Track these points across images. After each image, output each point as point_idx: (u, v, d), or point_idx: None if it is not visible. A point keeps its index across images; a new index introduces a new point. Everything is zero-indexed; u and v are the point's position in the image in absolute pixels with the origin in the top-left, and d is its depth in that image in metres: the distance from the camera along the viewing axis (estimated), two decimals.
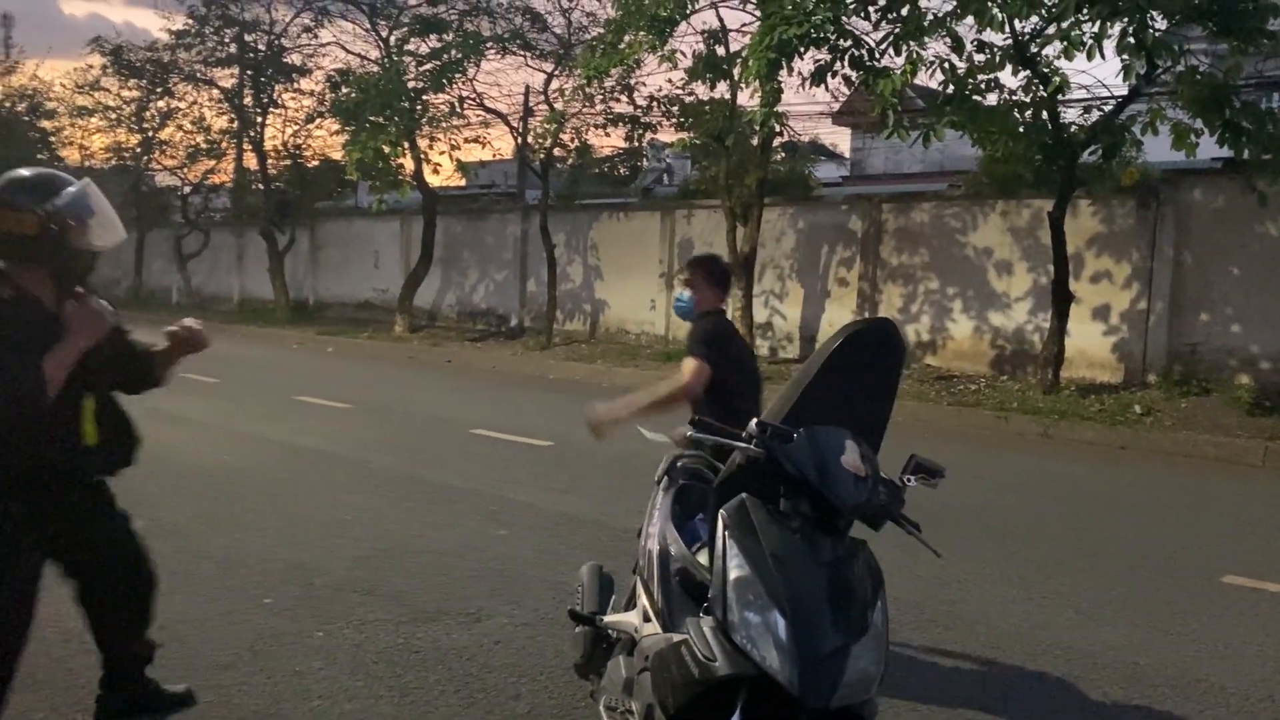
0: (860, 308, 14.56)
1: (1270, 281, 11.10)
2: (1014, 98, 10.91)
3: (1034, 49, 10.52)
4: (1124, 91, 10.99)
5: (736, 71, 12.97)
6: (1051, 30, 10.09)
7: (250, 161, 25.19)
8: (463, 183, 25.92)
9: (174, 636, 4.06)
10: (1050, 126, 10.86)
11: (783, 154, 17.46)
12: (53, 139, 30.73)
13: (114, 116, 26.58)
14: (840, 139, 30.51)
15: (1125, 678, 3.98)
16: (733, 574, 2.18)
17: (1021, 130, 10.84)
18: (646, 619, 2.71)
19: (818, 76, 10.27)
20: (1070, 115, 11.60)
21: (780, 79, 10.33)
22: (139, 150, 27.02)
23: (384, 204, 18.18)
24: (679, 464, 3.25)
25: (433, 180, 19.40)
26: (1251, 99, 10.95)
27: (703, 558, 2.74)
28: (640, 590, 2.83)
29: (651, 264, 17.13)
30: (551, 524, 5.94)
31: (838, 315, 14.78)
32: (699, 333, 4.06)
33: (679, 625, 2.59)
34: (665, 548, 2.79)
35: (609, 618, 3.04)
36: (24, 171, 2.91)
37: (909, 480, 2.46)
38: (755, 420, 2.34)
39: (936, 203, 14.25)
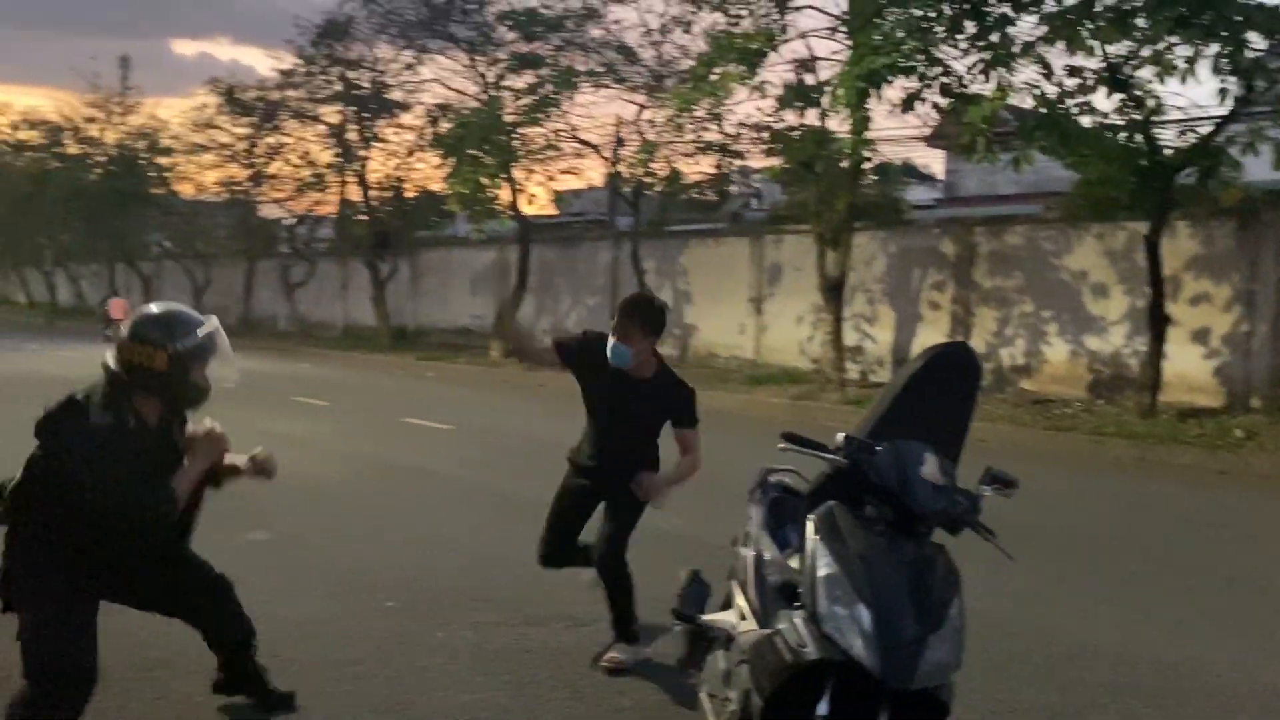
0: (953, 331, 14.57)
1: None
2: (1108, 121, 10.90)
3: (1127, 72, 10.51)
4: (1221, 111, 10.90)
5: (825, 99, 13.19)
6: (1146, 53, 10.09)
7: (354, 194, 26.26)
8: (555, 211, 26.57)
9: (306, 635, 4.46)
10: (1146, 149, 10.82)
11: (874, 178, 17.57)
12: (168, 174, 32.46)
13: (226, 152, 28.01)
14: (934, 161, 30.28)
15: (1212, 690, 4.07)
16: (822, 572, 2.43)
17: (1115, 153, 10.82)
18: (743, 617, 2.97)
19: (907, 104, 10.44)
20: (1166, 137, 11.54)
21: (869, 106, 10.54)
22: (249, 184, 28.37)
23: (482, 233, 18.82)
24: (770, 478, 3.49)
25: (527, 210, 20.02)
26: None
27: (794, 562, 2.99)
28: (736, 592, 3.09)
29: (741, 289, 17.38)
30: (648, 539, 6.16)
31: (930, 339, 14.77)
32: (694, 399, 4.38)
33: (773, 622, 2.84)
34: (760, 553, 3.04)
35: (708, 616, 3.30)
36: (154, 308, 3.22)
37: (985, 490, 2.68)
38: (843, 434, 2.59)
39: (1030, 225, 14.22)
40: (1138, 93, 10.42)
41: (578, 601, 4.94)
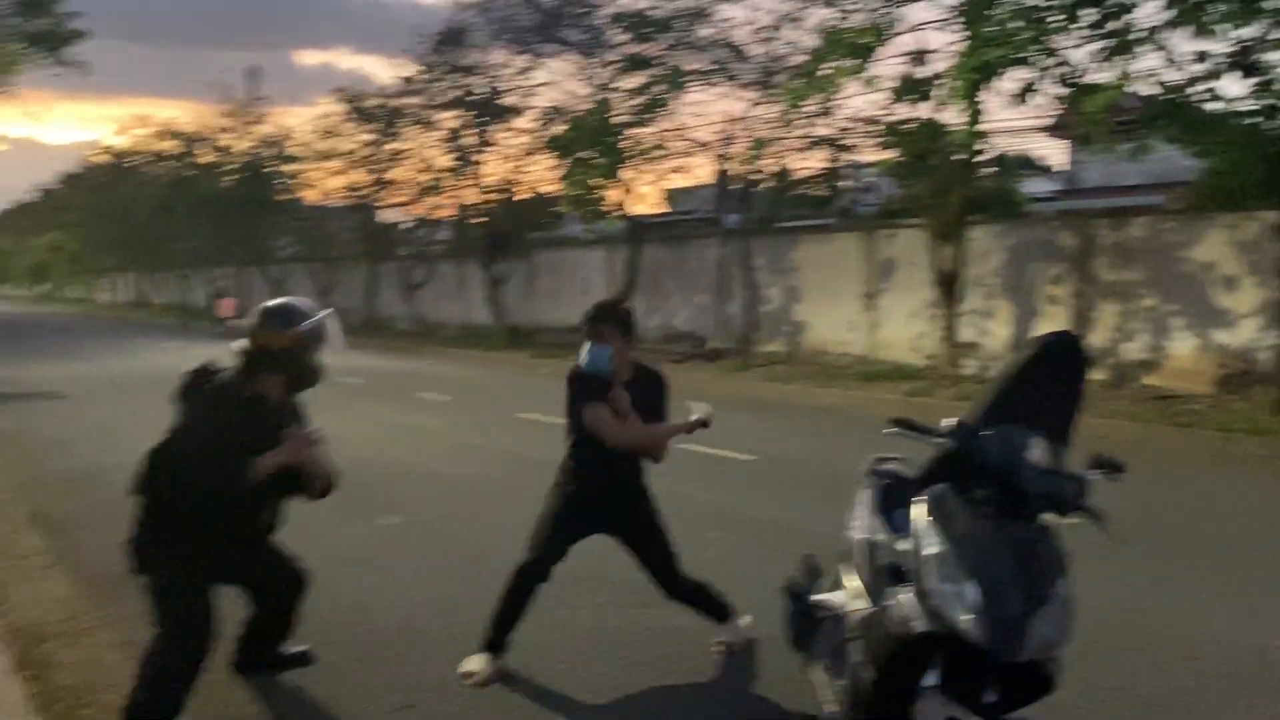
0: (1073, 326, 14.23)
1: None
2: (1235, 106, 10.54)
3: (1257, 55, 10.15)
4: None
5: (939, 92, 13.05)
6: (1277, 35, 9.73)
7: (470, 197, 27.00)
8: (663, 209, 26.82)
9: (438, 610, 4.76)
10: (1277, 135, 10.41)
11: (992, 169, 17.26)
12: (294, 181, 33.90)
13: (350, 159, 29.11)
14: (1056, 151, 29.40)
15: None
16: (930, 550, 2.55)
17: (1244, 140, 10.45)
18: (854, 597, 3.10)
19: (1022, 96, 10.29)
20: None
21: (983, 98, 10.41)
22: (371, 189, 29.43)
23: (593, 234, 19.18)
24: (881, 466, 3.61)
25: (636, 209, 20.31)
26: None
27: (903, 545, 3.10)
28: (847, 573, 3.22)
29: (852, 285, 17.29)
30: (759, 529, 6.35)
31: None
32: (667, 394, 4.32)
33: (883, 601, 2.97)
34: (871, 536, 3.17)
35: (819, 596, 3.44)
36: (277, 301, 3.71)
37: (1093, 474, 2.75)
38: (952, 419, 2.70)
39: (1153, 217, 13.80)
40: (1268, 76, 10.04)
41: (737, 582, 5.12)
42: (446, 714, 3.65)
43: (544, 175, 24.04)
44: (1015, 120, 18.07)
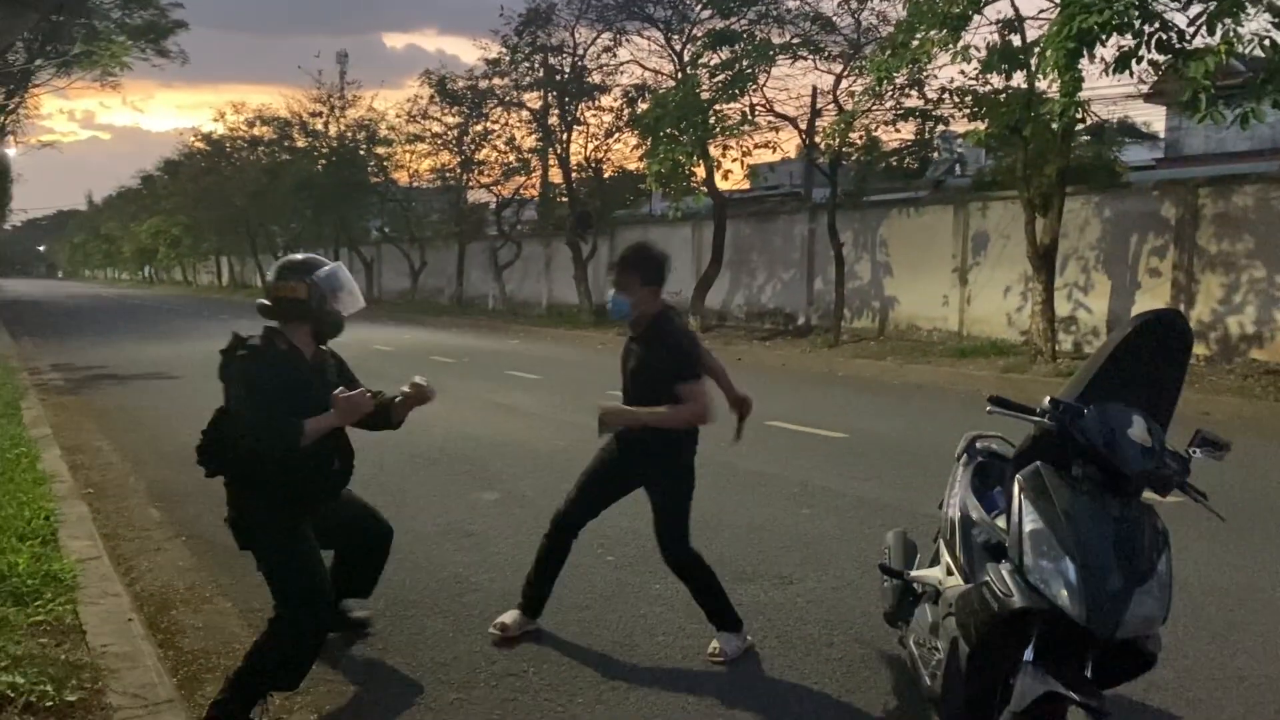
0: (1175, 298, 13.83)
1: None
2: None
3: None
4: None
5: (1033, 61, 12.73)
6: None
7: (555, 176, 27.24)
8: (747, 185, 26.68)
9: None
10: None
11: (1087, 138, 16.78)
12: (386, 163, 34.58)
13: (438, 141, 29.57)
14: (1154, 118, 28.43)
15: None
16: (1028, 527, 2.57)
17: None
18: (949, 573, 3.13)
19: (1121, 63, 10.00)
20: None
21: (1081, 66, 10.13)
22: (459, 170, 29.87)
23: (679, 211, 19.20)
24: (977, 444, 3.61)
25: (722, 185, 20.26)
26: None
27: (1000, 523, 3.12)
28: (943, 550, 3.25)
29: (944, 259, 17.03)
30: (851, 506, 6.37)
31: (1149, 307, 14.04)
32: (687, 348, 4.00)
33: (979, 577, 2.99)
34: (967, 514, 3.19)
35: (916, 572, 3.47)
36: (288, 258, 3.85)
37: (1194, 452, 2.73)
38: (1049, 398, 2.70)
39: (1261, 185, 13.27)
40: None
41: (787, 561, 5.19)
42: (548, 683, 3.79)
43: (629, 153, 24.16)
44: (1113, 87, 17.51)
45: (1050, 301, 13.88)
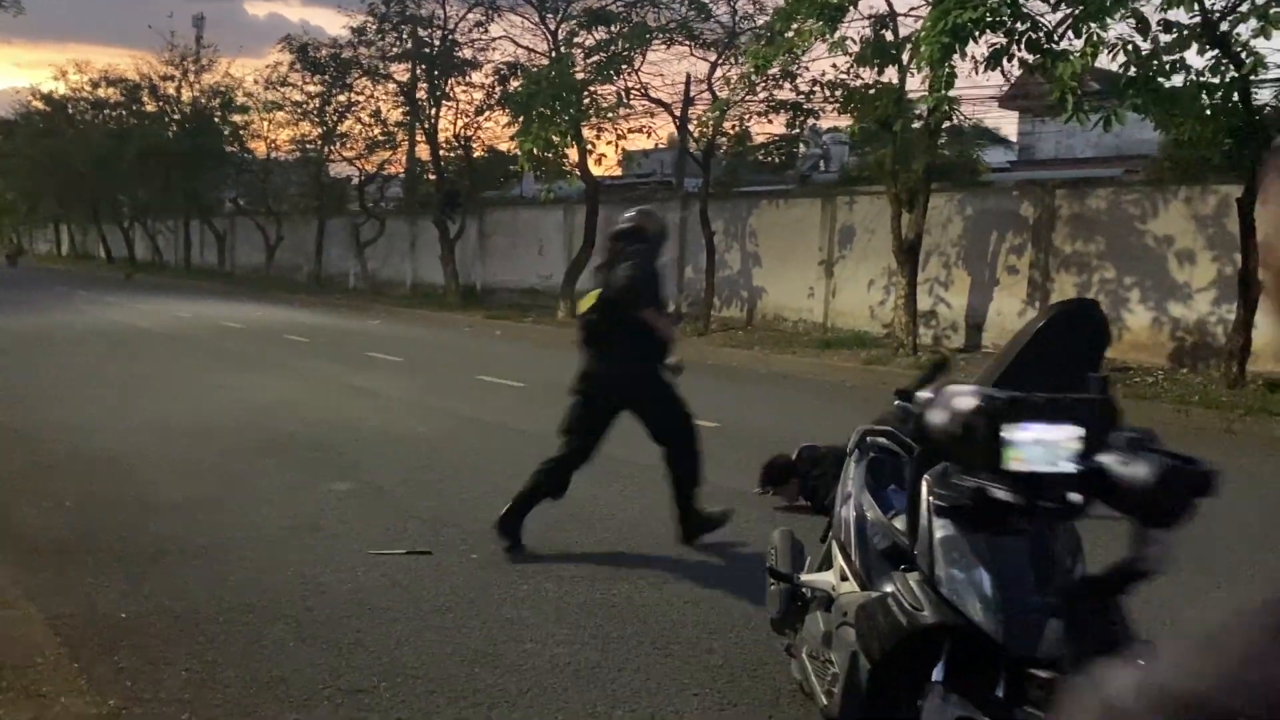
0: (1031, 296, 14.24)
1: None
2: (1202, 79, 10.47)
3: (1225, 27, 10.08)
4: None
5: (906, 56, 12.88)
6: (1246, 7, 9.67)
7: (422, 153, 26.39)
8: (619, 172, 26.47)
9: (393, 584, 4.51)
10: (1242, 108, 10.38)
11: (948, 139, 17.18)
12: (242, 132, 32.96)
13: (299, 111, 28.28)
14: (1006, 123, 29.58)
15: None
16: (939, 533, 2.36)
17: (1209, 113, 10.41)
18: (844, 579, 2.91)
19: (992, 61, 10.14)
20: (1263, 96, 11.07)
21: (953, 63, 10.23)
22: (320, 142, 28.66)
23: (551, 193, 18.81)
24: (868, 439, 3.41)
25: (595, 170, 19.96)
26: None
27: (899, 524, 2.92)
28: (836, 553, 3.03)
29: (811, 251, 17.15)
30: (730, 500, 6.16)
31: (1007, 304, 14.49)
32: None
33: (877, 584, 2.78)
34: (863, 514, 2.97)
35: (806, 576, 3.25)
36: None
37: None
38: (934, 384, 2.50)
39: (1114, 189, 13.78)
40: (1236, 49, 9.98)
41: (662, 559, 4.93)
42: (402, 700, 3.41)
43: (500, 132, 23.58)
44: (969, 90, 17.96)
45: (913, 296, 14.12)
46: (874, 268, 16.02)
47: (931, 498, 2.44)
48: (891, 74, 13.51)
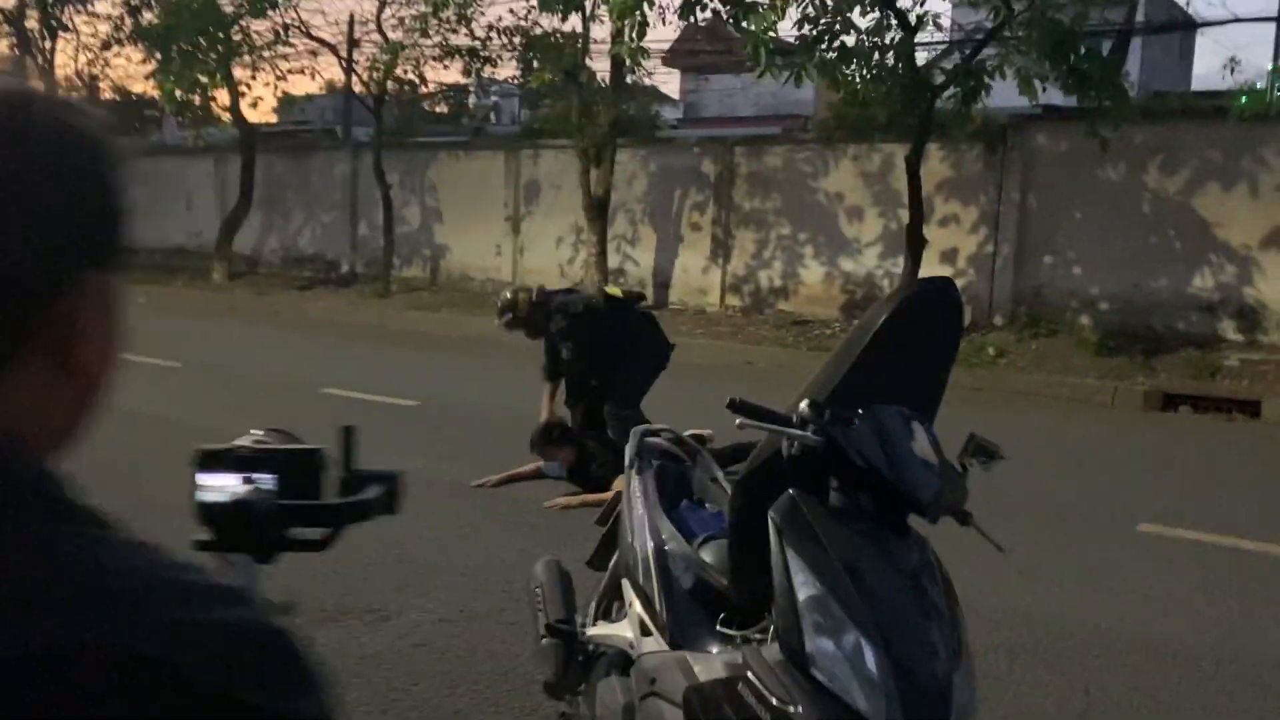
0: (714, 253, 14.38)
1: (1110, 225, 11.52)
2: (874, 39, 10.80)
3: None
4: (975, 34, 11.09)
5: (588, 4, 12.37)
6: None
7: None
8: (274, 119, 24.27)
9: None
10: (909, 68, 10.83)
11: (629, 93, 17.01)
12: None
13: None
14: (668, 82, 30.08)
15: (1091, 643, 3.80)
16: (802, 593, 1.78)
17: (879, 72, 10.76)
18: (645, 631, 2.29)
19: (685, 10, 9.85)
20: (923, 57, 11.67)
21: (643, 12, 9.84)
22: None
23: (201, 140, 16.71)
24: (646, 442, 2.81)
25: (251, 116, 17.98)
26: (1094, 46, 11.23)
27: (707, 555, 2.34)
28: (631, 596, 2.40)
29: (496, 207, 16.40)
30: (443, 497, 5.38)
31: (692, 261, 14.56)
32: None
33: (690, 639, 2.19)
34: (660, 545, 2.37)
35: (594, 631, 2.58)
36: None
37: (970, 464, 2.11)
38: (808, 401, 1.93)
39: (789, 146, 14.14)
40: (902, 9, 10.36)
41: (380, 585, 4.08)
42: None
43: (134, 71, 20.70)
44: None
45: (604, 253, 13.85)
46: (562, 224, 15.57)
47: (783, 540, 1.86)
48: (576, 22, 13.02)
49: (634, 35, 9.89)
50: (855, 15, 10.30)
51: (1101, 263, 11.60)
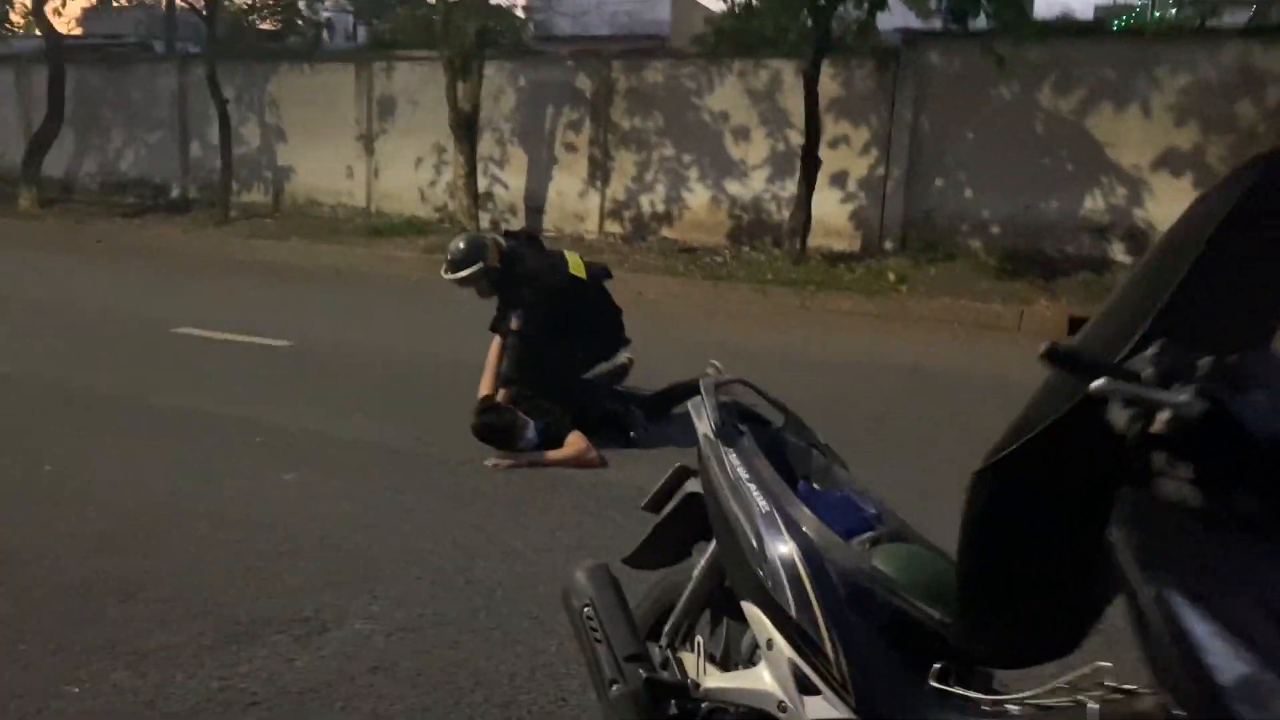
0: (592, 176, 13.49)
1: (1002, 146, 11.24)
2: None
3: None
4: None
5: None
6: None
7: None
8: (79, 31, 21.75)
9: None
10: None
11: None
12: None
13: None
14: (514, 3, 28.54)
15: None
16: (1225, 672, 1.06)
17: None
18: (806, 687, 1.55)
19: None
20: None
21: None
22: None
23: None
24: (722, 400, 2.03)
25: (56, 24, 15.77)
26: None
27: (878, 560, 1.61)
28: (770, 630, 1.63)
29: (346, 125, 14.95)
30: (357, 458, 4.44)
31: (567, 184, 13.63)
32: None
33: (886, 699, 1.47)
34: (813, 552, 1.61)
35: (711, 682, 1.78)
36: None
37: None
38: (1157, 345, 1.20)
39: (671, 61, 13.29)
40: None
41: (300, 587, 3.15)
42: None
43: None
44: None
45: (474, 174, 12.79)
46: (422, 144, 14.31)
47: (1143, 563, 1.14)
48: None
49: None
50: None
51: (993, 185, 11.34)
